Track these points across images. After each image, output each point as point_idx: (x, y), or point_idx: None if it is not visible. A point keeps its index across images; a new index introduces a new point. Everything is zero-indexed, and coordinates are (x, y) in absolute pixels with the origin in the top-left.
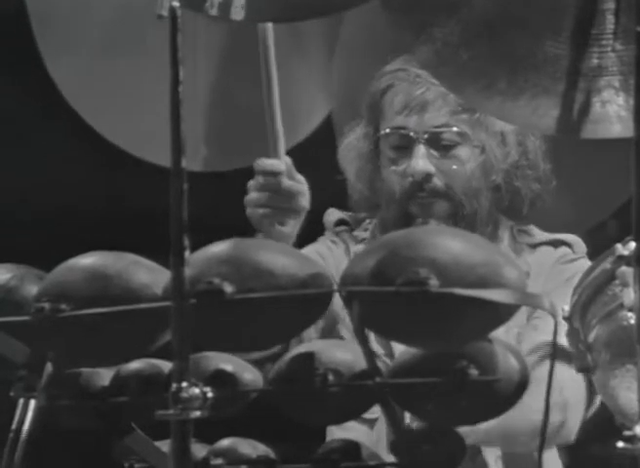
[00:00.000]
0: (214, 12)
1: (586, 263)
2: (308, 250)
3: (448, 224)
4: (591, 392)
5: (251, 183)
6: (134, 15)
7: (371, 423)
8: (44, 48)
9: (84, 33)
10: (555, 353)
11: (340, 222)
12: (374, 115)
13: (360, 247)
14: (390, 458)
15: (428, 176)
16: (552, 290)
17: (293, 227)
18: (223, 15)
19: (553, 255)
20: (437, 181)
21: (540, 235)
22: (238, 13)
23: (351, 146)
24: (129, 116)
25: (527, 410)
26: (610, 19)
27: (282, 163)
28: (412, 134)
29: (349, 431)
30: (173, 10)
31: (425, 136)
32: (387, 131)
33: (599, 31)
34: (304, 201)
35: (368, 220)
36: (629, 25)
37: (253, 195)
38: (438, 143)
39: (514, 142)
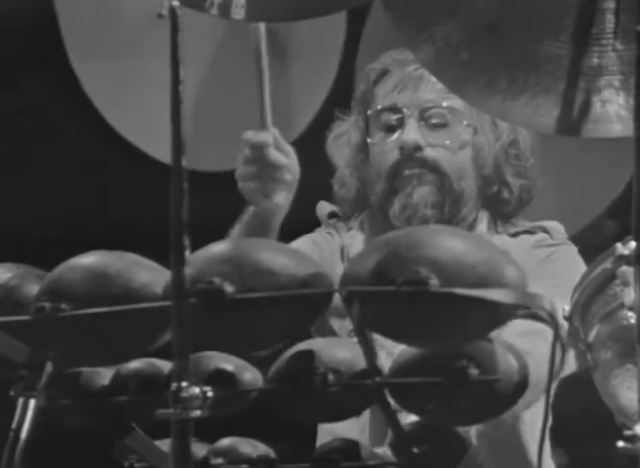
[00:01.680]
0: (214, 11)
1: (565, 248)
2: (305, 238)
3: (434, 198)
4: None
5: (239, 157)
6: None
7: None
8: (71, 48)
9: (111, 35)
10: (555, 353)
11: (333, 215)
12: (365, 102)
13: (351, 234)
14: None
15: (418, 147)
16: (527, 271)
17: (284, 199)
18: (223, 14)
19: (530, 241)
20: (427, 153)
21: (522, 225)
22: (238, 12)
23: (341, 136)
24: (150, 116)
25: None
26: (610, 18)
27: (269, 135)
28: (404, 109)
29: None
30: (173, 9)
31: (417, 111)
32: (379, 107)
33: (599, 31)
34: (293, 172)
35: (356, 214)
36: (629, 25)
37: (242, 168)
38: (430, 119)
39: (506, 127)
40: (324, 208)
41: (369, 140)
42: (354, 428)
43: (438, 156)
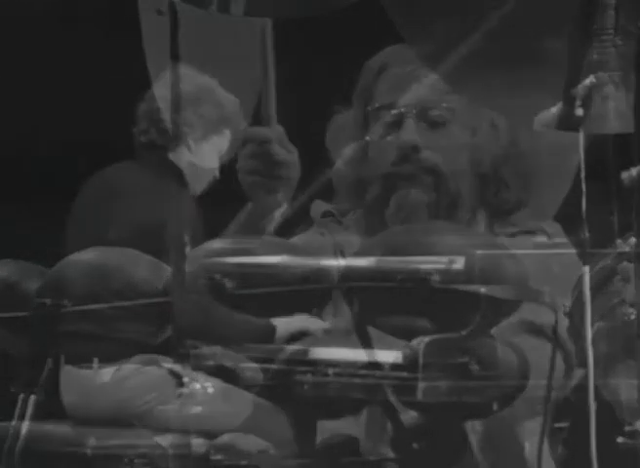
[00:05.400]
0: (213, 7)
1: (564, 250)
2: (297, 239)
3: (429, 199)
4: (569, 365)
5: (242, 152)
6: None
7: None
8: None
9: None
10: (555, 351)
11: (327, 214)
12: (365, 97)
13: (345, 232)
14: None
15: (415, 148)
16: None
17: (283, 196)
18: (223, 10)
19: (529, 244)
20: (424, 154)
21: (521, 224)
22: (238, 8)
23: (340, 130)
24: None
25: None
26: (611, 14)
27: (273, 131)
28: (402, 109)
29: None
30: (172, 5)
31: (415, 110)
32: (378, 105)
33: (600, 27)
34: (294, 170)
35: (352, 212)
36: (630, 21)
37: (244, 162)
38: (428, 119)
39: (505, 127)
40: (319, 207)
41: (367, 138)
42: (352, 425)
43: (435, 158)
